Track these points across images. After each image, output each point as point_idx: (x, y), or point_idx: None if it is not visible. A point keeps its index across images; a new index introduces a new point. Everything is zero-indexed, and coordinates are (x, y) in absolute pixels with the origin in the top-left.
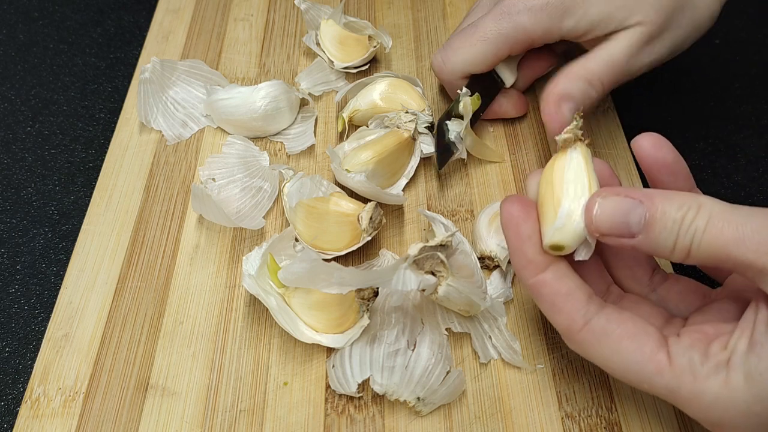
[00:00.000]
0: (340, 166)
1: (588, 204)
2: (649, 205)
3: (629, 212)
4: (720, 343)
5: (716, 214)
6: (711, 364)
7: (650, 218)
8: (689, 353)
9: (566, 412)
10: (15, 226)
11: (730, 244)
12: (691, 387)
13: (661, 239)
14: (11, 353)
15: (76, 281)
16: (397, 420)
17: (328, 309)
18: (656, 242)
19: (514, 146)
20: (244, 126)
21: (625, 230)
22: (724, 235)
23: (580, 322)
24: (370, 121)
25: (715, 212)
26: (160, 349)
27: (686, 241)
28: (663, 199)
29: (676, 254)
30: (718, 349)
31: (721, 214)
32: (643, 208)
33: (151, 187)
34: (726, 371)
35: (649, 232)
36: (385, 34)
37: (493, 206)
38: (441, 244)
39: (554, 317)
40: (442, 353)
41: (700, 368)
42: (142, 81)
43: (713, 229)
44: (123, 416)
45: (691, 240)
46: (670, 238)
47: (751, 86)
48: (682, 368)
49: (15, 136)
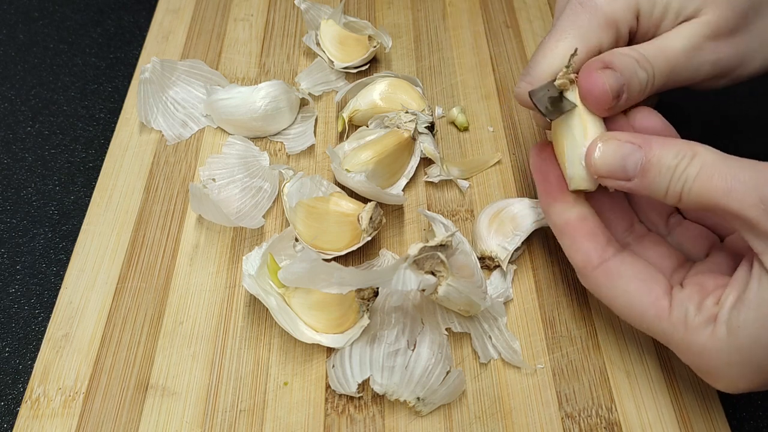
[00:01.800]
0: (340, 166)
1: (589, 147)
2: (647, 151)
3: (627, 156)
4: (714, 297)
5: (708, 163)
6: (702, 317)
7: (646, 163)
8: (686, 304)
9: (566, 412)
10: (15, 226)
11: (718, 193)
12: (683, 335)
13: (654, 183)
14: (11, 353)
15: (76, 281)
16: (397, 420)
17: (328, 309)
18: (651, 186)
19: (514, 146)
20: (244, 126)
21: (622, 173)
22: (713, 184)
23: (595, 261)
24: (370, 121)
25: (707, 161)
26: (160, 349)
27: (678, 187)
28: (660, 146)
29: (669, 198)
30: (711, 303)
31: (713, 164)
32: (641, 153)
33: (151, 187)
34: (713, 325)
35: (645, 177)
36: (385, 34)
37: (493, 206)
38: (441, 244)
39: (573, 255)
40: (442, 353)
41: (693, 319)
42: (142, 81)
43: (703, 177)
44: (123, 416)
45: (682, 186)
46: (663, 183)
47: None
48: (678, 317)
49: (15, 136)
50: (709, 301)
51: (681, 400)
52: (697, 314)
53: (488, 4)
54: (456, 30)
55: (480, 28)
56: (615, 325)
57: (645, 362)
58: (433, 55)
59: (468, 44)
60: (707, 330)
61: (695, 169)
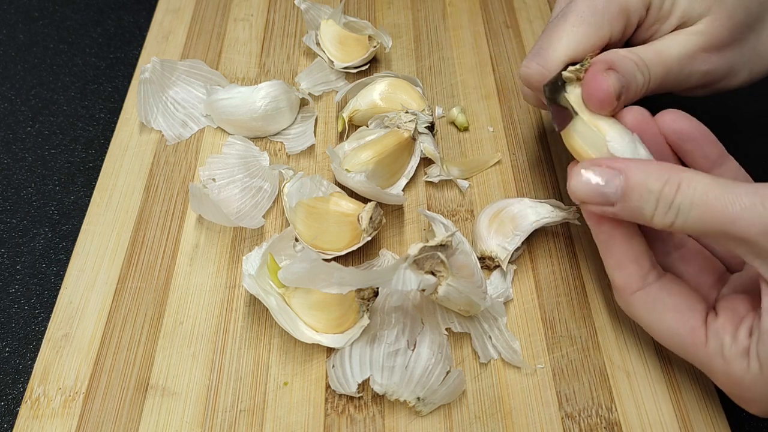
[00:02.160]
0: (340, 166)
1: (570, 173)
2: (626, 175)
3: (607, 181)
4: (746, 327)
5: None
6: (737, 349)
7: (626, 188)
8: (721, 336)
9: (566, 412)
10: (15, 226)
11: (724, 222)
12: (721, 368)
13: (638, 208)
14: (11, 353)
15: (76, 281)
16: (397, 420)
17: (328, 309)
18: (634, 211)
19: (514, 146)
20: (244, 126)
21: (602, 199)
22: (714, 214)
23: (636, 285)
24: (370, 121)
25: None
26: (160, 349)
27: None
28: (639, 170)
29: (656, 225)
30: (744, 335)
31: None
32: (620, 178)
33: (151, 187)
34: (748, 358)
35: (626, 202)
36: (385, 34)
37: (493, 206)
38: (441, 244)
39: (614, 275)
40: (442, 353)
41: (729, 351)
42: (142, 81)
43: (701, 206)
44: (123, 416)
45: (676, 217)
46: (647, 208)
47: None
48: (715, 349)
49: (15, 136)
50: (742, 333)
51: (681, 400)
52: (732, 345)
53: (488, 4)
54: (456, 30)
55: (480, 28)
56: (615, 325)
57: (645, 362)
58: (433, 55)
59: (468, 44)
60: (743, 362)
61: (688, 197)
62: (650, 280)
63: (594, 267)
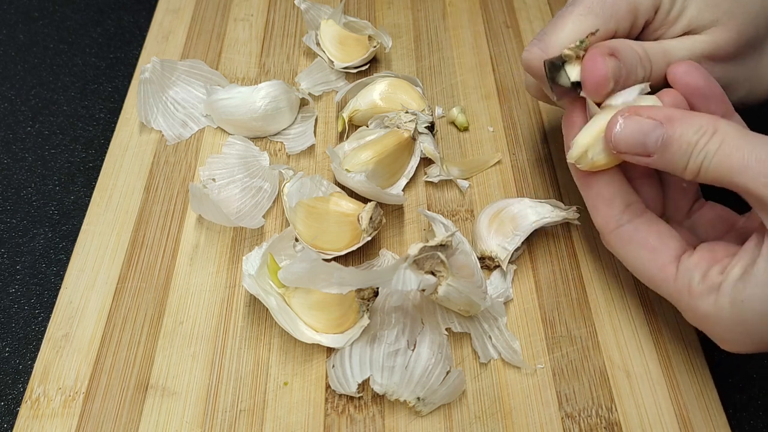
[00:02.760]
0: (340, 166)
1: (610, 122)
2: (668, 127)
3: (648, 133)
4: (720, 266)
5: (729, 139)
6: (706, 285)
7: (667, 139)
8: (692, 271)
9: (566, 412)
10: (15, 226)
11: (734, 170)
12: (687, 300)
13: (674, 159)
14: (11, 353)
15: (76, 281)
16: (397, 420)
17: (328, 309)
18: (670, 161)
19: (514, 146)
20: (244, 126)
21: (641, 149)
22: (730, 161)
23: (612, 225)
24: (369, 121)
25: (728, 137)
26: (160, 349)
27: (697, 162)
28: (682, 122)
29: (688, 173)
30: (716, 272)
31: (733, 140)
32: (662, 129)
33: (151, 187)
34: (716, 294)
35: (665, 153)
36: (385, 34)
37: (493, 206)
38: (441, 244)
39: (593, 216)
40: (442, 353)
41: (696, 287)
42: (142, 81)
43: (722, 153)
44: (123, 416)
45: (702, 161)
46: (683, 159)
47: None
48: (682, 283)
49: (15, 136)
50: (714, 270)
51: (681, 400)
52: (701, 282)
53: (488, 4)
54: (456, 30)
55: (480, 28)
56: (615, 325)
57: (645, 362)
58: (433, 55)
59: (468, 44)
60: (710, 298)
61: (715, 144)
62: (624, 221)
63: (594, 267)
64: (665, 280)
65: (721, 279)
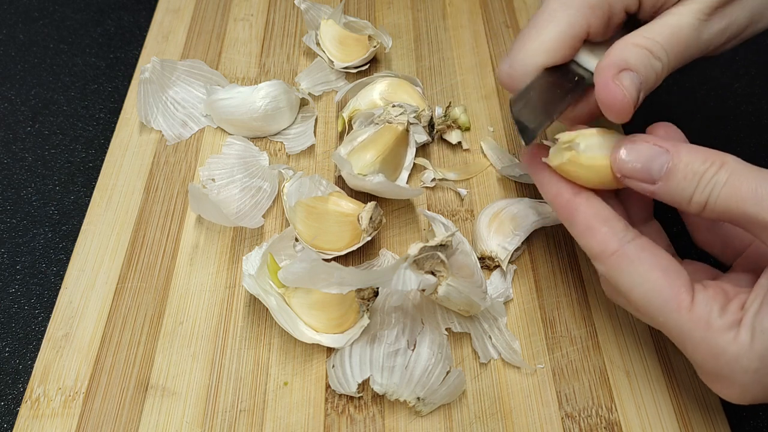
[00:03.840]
0: (353, 171)
1: (616, 147)
2: (674, 154)
3: (653, 158)
4: (738, 301)
5: (737, 171)
6: (727, 320)
7: (672, 167)
8: (711, 303)
9: (566, 412)
10: (15, 226)
11: (747, 202)
12: (703, 334)
13: (680, 189)
14: (11, 353)
15: (76, 281)
16: (397, 420)
17: (328, 309)
18: (675, 191)
19: (514, 146)
20: (244, 126)
21: (646, 175)
22: (741, 192)
23: (614, 245)
24: (353, 120)
25: (736, 169)
26: (160, 349)
27: (704, 194)
28: (688, 151)
29: (693, 205)
30: (736, 307)
31: (742, 172)
32: (667, 156)
33: (151, 187)
34: (737, 329)
35: (669, 181)
36: (385, 34)
37: (493, 206)
38: (441, 244)
39: (589, 239)
40: (442, 353)
41: (717, 320)
42: (142, 81)
43: (732, 185)
44: (123, 416)
45: (710, 193)
46: (689, 189)
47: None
48: (700, 315)
49: (15, 136)
50: (733, 305)
51: (681, 400)
52: (722, 315)
53: (488, 4)
54: (456, 30)
55: (480, 28)
56: (615, 325)
57: (645, 362)
58: (433, 55)
59: (468, 44)
60: (730, 333)
61: (724, 176)
62: (628, 239)
63: (594, 267)
64: (679, 308)
65: (741, 314)
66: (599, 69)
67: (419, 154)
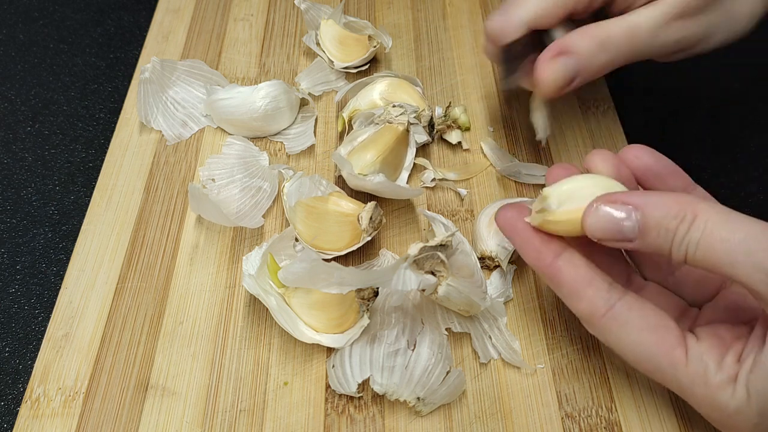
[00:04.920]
0: (353, 171)
1: (585, 211)
2: (643, 212)
3: (623, 220)
4: (734, 353)
5: (710, 228)
6: (723, 376)
7: (643, 226)
8: (705, 359)
9: (566, 412)
10: (15, 226)
11: (724, 265)
12: (703, 391)
13: (657, 244)
14: (11, 353)
15: (76, 281)
16: (397, 420)
17: (328, 309)
18: (654, 246)
19: (514, 146)
20: (244, 126)
21: (620, 236)
22: (716, 255)
23: (602, 308)
24: (353, 120)
25: (709, 226)
26: (160, 349)
27: (681, 252)
28: (656, 207)
29: (675, 260)
30: (732, 360)
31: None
32: (636, 214)
33: (151, 187)
34: (734, 385)
35: (645, 238)
36: (385, 34)
37: (493, 206)
38: (441, 244)
39: (576, 304)
40: (442, 353)
41: (713, 377)
42: (142, 81)
43: (706, 245)
44: (123, 416)
45: (686, 251)
46: (665, 245)
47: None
48: (697, 373)
49: (15, 136)
50: (729, 359)
51: (681, 400)
52: (717, 372)
53: (488, 4)
54: (456, 30)
55: (480, 28)
56: None
57: None
58: (433, 55)
59: (468, 44)
60: (728, 390)
61: (697, 234)
62: (614, 300)
63: None
64: (674, 365)
65: (737, 369)
66: (545, 50)
67: (419, 154)
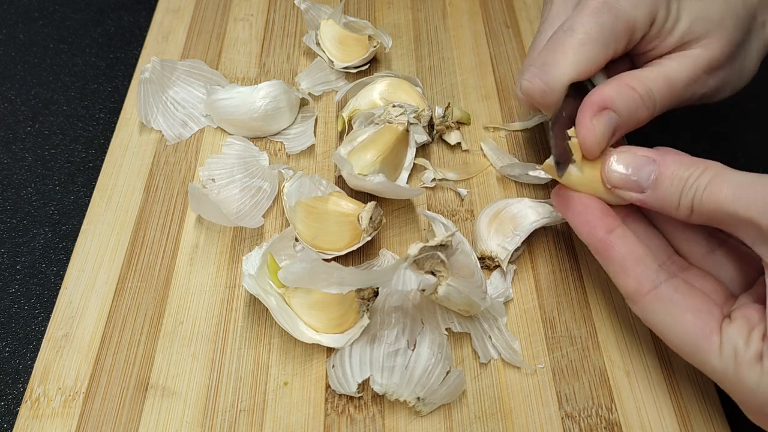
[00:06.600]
0: (353, 171)
1: (605, 158)
2: (660, 163)
3: (641, 168)
4: (759, 331)
5: (719, 174)
6: (751, 353)
7: (659, 175)
8: (735, 339)
9: (566, 412)
10: (15, 226)
11: (726, 200)
12: (734, 373)
13: (667, 196)
14: (11, 353)
15: (76, 281)
16: (397, 420)
17: (328, 309)
18: (663, 198)
19: (514, 146)
20: (244, 126)
21: (634, 185)
22: (722, 193)
23: (648, 286)
24: (353, 120)
25: (718, 173)
26: (160, 349)
27: (689, 198)
28: (674, 160)
29: (681, 211)
30: (757, 338)
31: (723, 175)
32: (654, 165)
33: (151, 187)
34: (761, 363)
35: (657, 189)
36: (385, 34)
37: (493, 206)
38: (441, 244)
39: (623, 279)
40: (442, 353)
41: (743, 355)
42: (142, 81)
43: (713, 186)
44: (123, 416)
45: (693, 196)
46: (675, 195)
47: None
48: (728, 354)
49: (15, 136)
50: (755, 336)
51: (681, 400)
52: (746, 349)
53: (488, 4)
54: (456, 30)
55: (480, 28)
56: (615, 325)
57: (645, 362)
58: (433, 55)
59: (468, 44)
60: (756, 368)
61: (706, 179)
62: (661, 279)
63: (594, 267)
64: (710, 352)
65: (762, 345)
66: (585, 104)
67: (419, 154)
